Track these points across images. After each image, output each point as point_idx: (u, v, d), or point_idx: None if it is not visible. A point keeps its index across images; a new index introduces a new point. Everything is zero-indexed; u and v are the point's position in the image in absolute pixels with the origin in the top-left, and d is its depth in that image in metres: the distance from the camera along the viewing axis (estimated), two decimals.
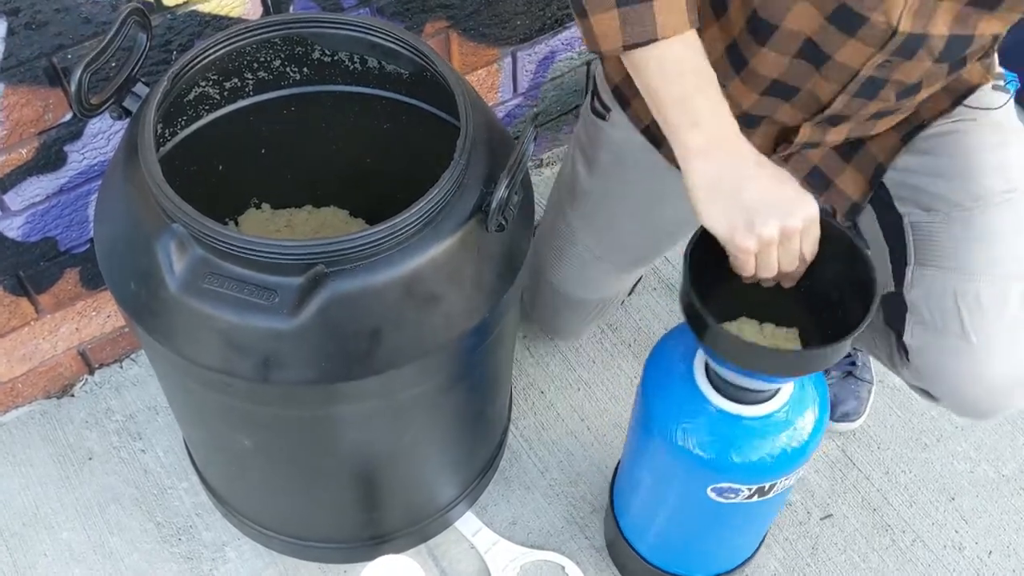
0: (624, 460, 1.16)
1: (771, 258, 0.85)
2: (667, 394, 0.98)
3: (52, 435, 1.34)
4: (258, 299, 0.80)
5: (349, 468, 1.03)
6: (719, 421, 0.94)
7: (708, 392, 0.95)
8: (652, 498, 1.09)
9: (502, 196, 0.82)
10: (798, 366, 0.86)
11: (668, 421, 0.97)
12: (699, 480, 0.98)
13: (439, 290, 0.85)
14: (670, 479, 1.02)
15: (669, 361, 0.99)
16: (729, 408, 0.94)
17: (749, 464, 0.94)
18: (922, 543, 1.33)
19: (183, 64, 0.91)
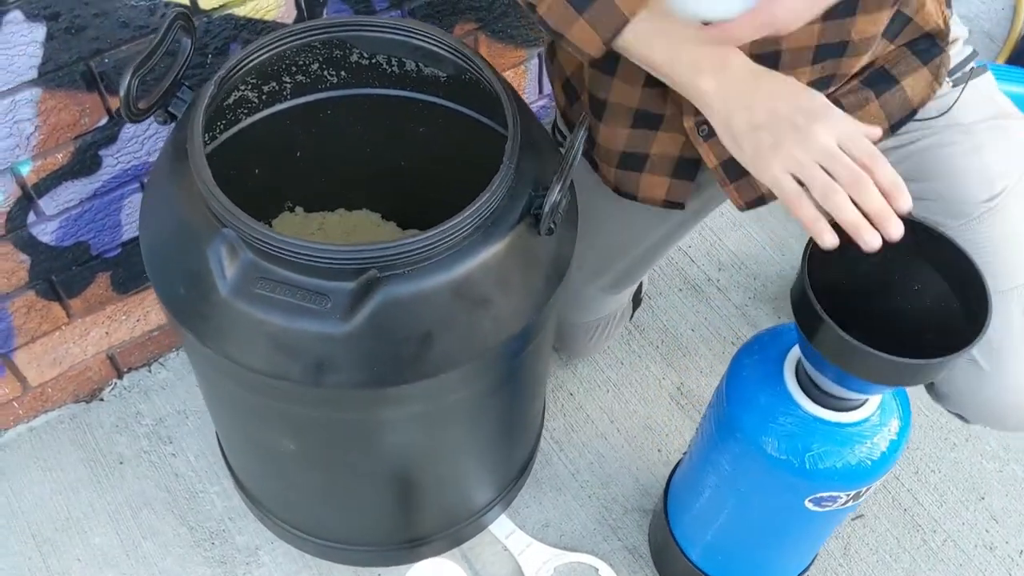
0: (691, 468, 1.14)
1: (819, 179, 0.77)
2: (759, 404, 0.96)
3: (82, 439, 1.34)
4: (310, 304, 0.80)
5: (389, 471, 1.03)
6: (820, 430, 0.93)
7: (804, 402, 0.93)
8: (729, 508, 1.08)
9: (555, 199, 0.82)
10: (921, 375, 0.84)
11: (762, 431, 0.95)
12: (798, 491, 0.96)
13: (489, 293, 0.85)
14: (760, 490, 1.00)
15: (755, 369, 0.98)
16: (829, 416, 0.92)
17: (852, 471, 0.93)
18: (953, 543, 1.33)
19: (229, 68, 0.91)
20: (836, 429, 0.94)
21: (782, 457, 0.95)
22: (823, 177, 0.77)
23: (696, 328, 1.51)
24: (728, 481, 1.05)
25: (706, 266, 1.57)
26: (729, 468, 1.03)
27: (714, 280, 1.56)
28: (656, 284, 1.55)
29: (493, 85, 0.91)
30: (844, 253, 0.89)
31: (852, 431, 0.94)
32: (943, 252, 0.88)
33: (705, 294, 1.54)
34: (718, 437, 1.03)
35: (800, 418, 0.95)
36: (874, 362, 0.83)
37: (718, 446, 1.04)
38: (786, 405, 0.95)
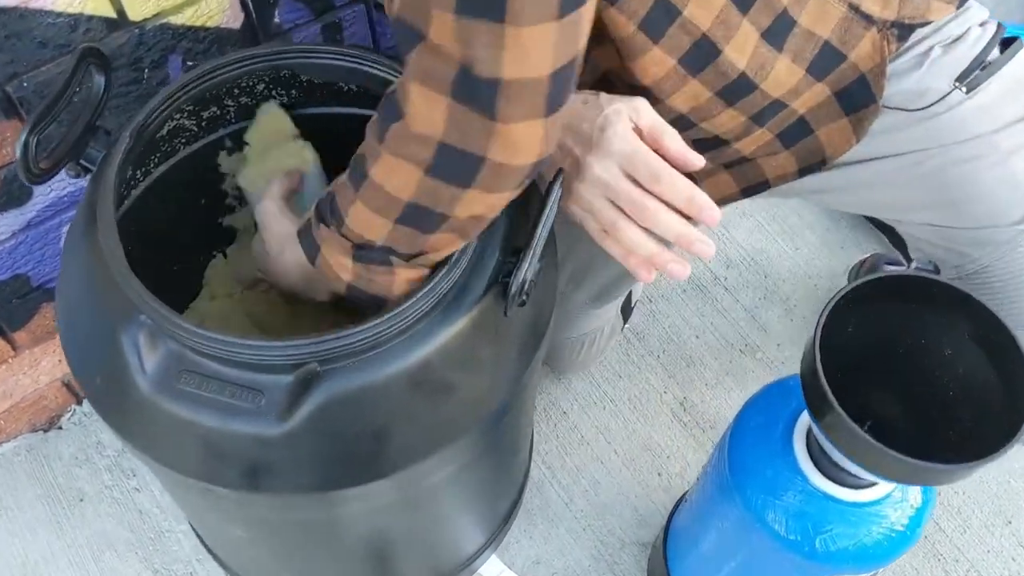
0: (692, 517, 1.04)
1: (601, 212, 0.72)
2: (764, 477, 0.85)
3: (40, 473, 1.25)
4: (242, 401, 0.69)
5: (361, 552, 0.94)
6: (833, 509, 0.83)
7: (816, 478, 0.83)
8: (732, 569, 0.98)
9: (524, 277, 0.70)
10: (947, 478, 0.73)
11: (768, 507, 0.85)
12: (808, 571, 0.87)
13: (452, 379, 0.73)
14: (766, 563, 0.90)
15: (761, 435, 0.87)
16: (843, 495, 0.82)
17: (869, 552, 0.83)
18: (977, 573, 1.24)
19: (148, 115, 0.78)
20: (851, 509, 0.83)
21: (790, 537, 0.85)
22: (607, 213, 0.71)
23: (701, 334, 1.39)
24: (731, 545, 0.95)
25: (713, 263, 1.45)
26: (732, 535, 0.93)
27: (721, 279, 1.44)
28: (658, 285, 1.43)
29: None
30: (864, 313, 0.77)
31: (870, 511, 0.83)
32: (973, 314, 0.76)
33: (711, 295, 1.43)
34: (720, 501, 0.92)
35: (811, 495, 0.84)
36: (894, 462, 0.71)
37: (720, 510, 0.93)
38: (795, 480, 0.84)
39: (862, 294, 0.76)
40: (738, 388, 1.35)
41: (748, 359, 1.37)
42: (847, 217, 1.49)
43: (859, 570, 0.86)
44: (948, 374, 0.80)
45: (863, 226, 1.48)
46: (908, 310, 0.79)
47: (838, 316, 0.75)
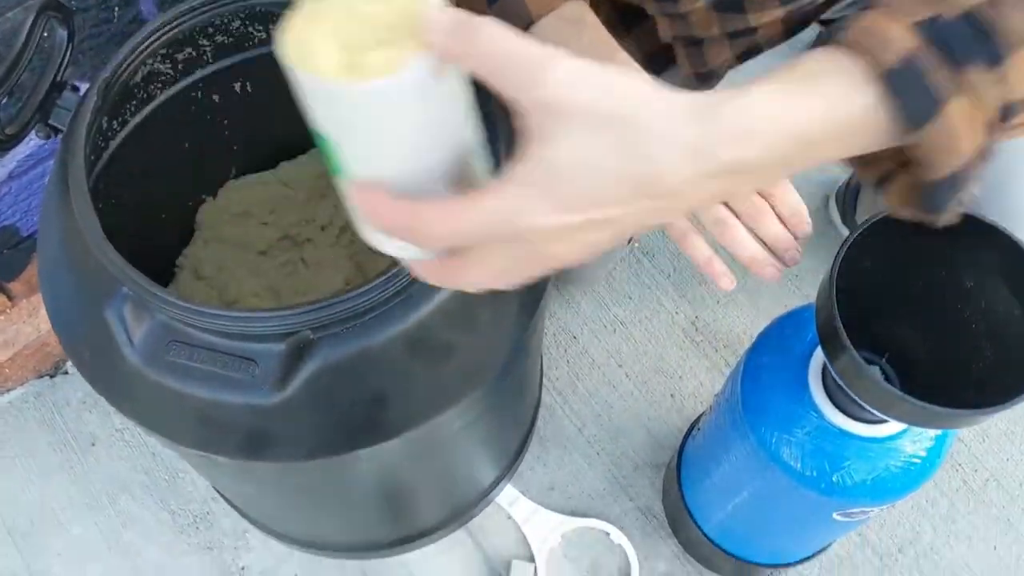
0: (704, 446, 1.02)
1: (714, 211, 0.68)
2: (779, 414, 0.83)
3: (50, 420, 1.25)
4: (234, 372, 0.67)
5: (374, 499, 0.93)
6: (851, 445, 0.80)
7: (833, 415, 0.80)
8: (745, 500, 0.96)
9: None
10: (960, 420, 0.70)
11: (783, 444, 0.82)
12: (825, 506, 0.85)
13: (451, 340, 0.70)
14: (780, 498, 0.89)
15: (775, 372, 0.84)
16: (861, 431, 0.80)
17: (887, 485, 0.81)
18: (996, 482, 1.23)
19: (115, 69, 0.73)
20: (869, 444, 0.81)
21: (807, 473, 0.83)
22: (718, 211, 0.68)
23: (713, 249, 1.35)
24: (744, 478, 0.93)
25: None
26: (746, 469, 0.91)
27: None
28: None
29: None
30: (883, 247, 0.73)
31: (888, 445, 0.81)
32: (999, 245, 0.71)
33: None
34: (734, 436, 0.90)
35: (827, 431, 0.81)
36: (909, 407, 0.69)
37: (733, 445, 0.91)
38: (810, 416, 0.82)
39: (881, 228, 0.72)
40: (751, 305, 1.32)
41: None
42: None
43: (878, 503, 0.85)
44: (971, 307, 0.76)
45: None
46: (930, 242, 0.75)
47: (856, 250, 0.71)
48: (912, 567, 1.18)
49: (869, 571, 1.18)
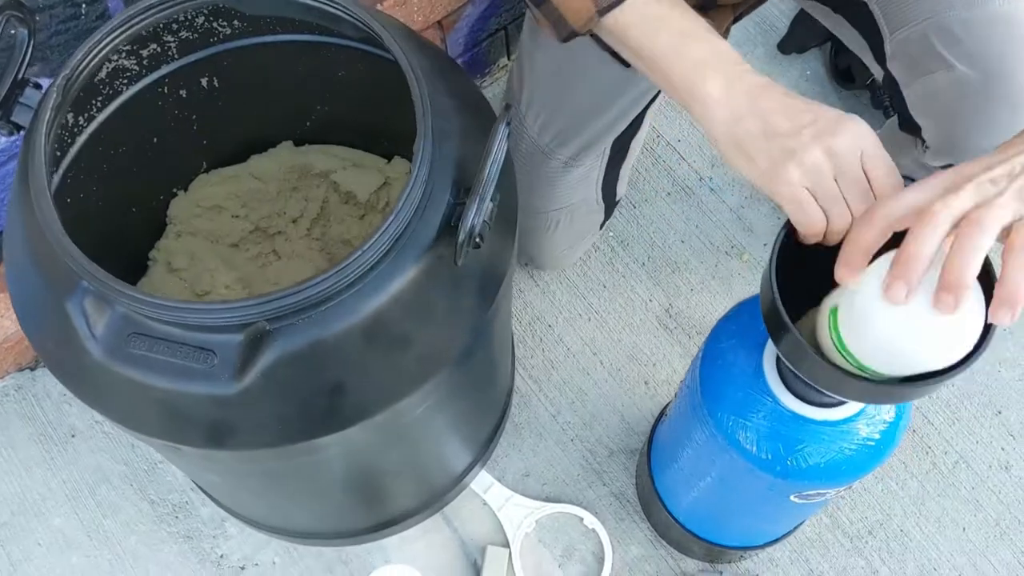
0: (670, 430, 1.04)
1: (832, 191, 0.69)
2: (735, 400, 0.84)
3: (31, 413, 1.26)
4: (194, 362, 0.68)
5: (344, 486, 0.94)
6: (806, 429, 0.82)
7: (787, 399, 0.81)
8: (708, 484, 0.98)
9: (472, 222, 0.67)
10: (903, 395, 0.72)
11: (739, 428, 0.84)
12: (782, 489, 0.87)
13: (407, 330, 0.72)
14: (740, 481, 0.90)
15: (732, 358, 0.86)
16: (815, 415, 0.81)
17: (843, 467, 0.83)
18: (965, 464, 1.24)
19: (74, 67, 0.74)
20: (824, 427, 0.82)
21: (763, 457, 0.85)
22: (834, 189, 0.68)
23: (686, 239, 1.37)
24: (705, 463, 0.95)
25: (697, 163, 1.41)
26: (706, 454, 0.93)
27: (706, 180, 1.40)
28: (641, 189, 1.39)
29: (399, 60, 0.74)
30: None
31: (843, 428, 0.83)
32: None
33: (696, 196, 1.39)
34: (693, 421, 0.92)
35: (782, 416, 0.83)
36: (857, 385, 0.70)
37: (694, 430, 0.93)
38: (765, 402, 0.83)
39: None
40: (724, 291, 1.33)
41: (735, 261, 1.35)
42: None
43: (834, 485, 0.86)
44: None
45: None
46: None
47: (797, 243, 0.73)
48: (882, 549, 1.20)
49: (839, 553, 1.20)
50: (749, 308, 0.89)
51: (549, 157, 1.12)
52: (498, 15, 1.36)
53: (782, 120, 0.69)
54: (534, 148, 1.12)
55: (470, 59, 1.41)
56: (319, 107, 1.04)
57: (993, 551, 1.20)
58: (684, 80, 0.72)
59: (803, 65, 1.47)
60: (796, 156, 0.68)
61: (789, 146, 0.68)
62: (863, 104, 1.42)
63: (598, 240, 1.34)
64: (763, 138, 0.69)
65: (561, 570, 1.19)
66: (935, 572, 1.19)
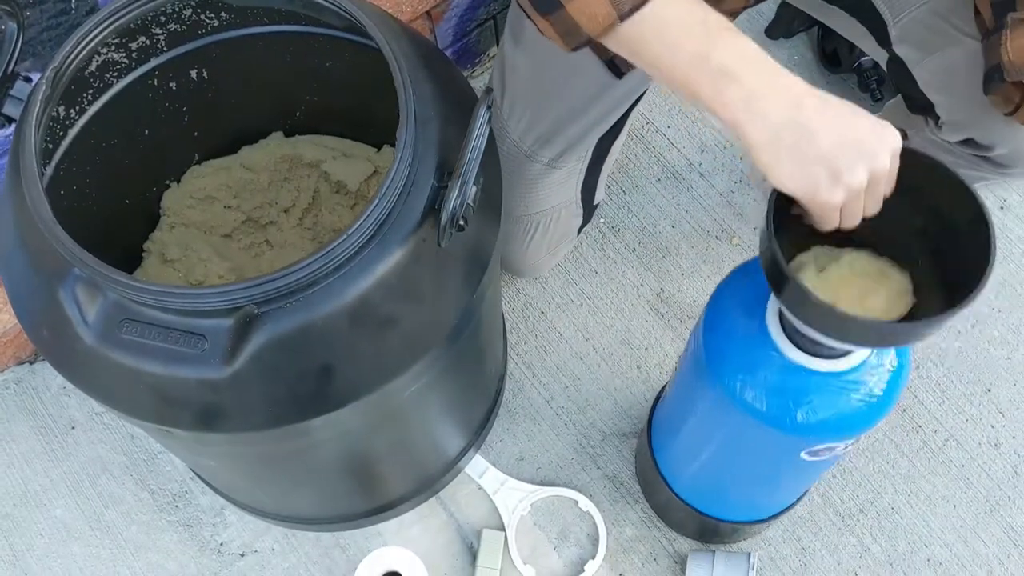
0: (672, 402, 1.05)
1: (858, 207, 0.71)
2: (740, 358, 0.85)
3: (31, 405, 1.28)
4: (185, 347, 0.70)
5: (338, 469, 0.96)
6: (812, 382, 0.82)
7: (791, 352, 0.82)
8: (713, 451, 0.99)
9: (454, 205, 0.69)
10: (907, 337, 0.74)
11: (746, 386, 0.84)
12: (791, 445, 0.87)
13: (394, 312, 0.73)
14: (748, 441, 0.91)
15: (735, 317, 0.86)
16: (820, 366, 0.81)
17: (851, 419, 0.83)
18: (955, 442, 1.26)
19: (63, 60, 0.75)
20: (829, 379, 0.82)
21: (772, 412, 0.85)
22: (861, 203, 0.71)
23: (677, 224, 1.38)
24: (711, 428, 0.96)
25: (687, 149, 1.42)
26: (712, 418, 0.93)
27: (696, 165, 1.41)
28: (631, 175, 1.41)
29: (381, 47, 0.75)
30: None
31: (847, 379, 0.82)
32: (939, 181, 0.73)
33: (687, 182, 1.40)
34: (698, 387, 0.92)
35: (787, 369, 0.83)
36: (859, 327, 0.71)
37: (699, 396, 0.93)
38: (771, 356, 0.83)
39: None
40: (715, 275, 1.34)
41: (724, 245, 1.36)
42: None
43: (841, 438, 0.87)
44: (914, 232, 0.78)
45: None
46: None
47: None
48: (873, 526, 1.21)
49: (831, 531, 1.21)
50: (747, 269, 0.90)
51: (532, 159, 1.11)
52: (487, 4, 1.38)
53: (826, 136, 0.68)
54: (516, 151, 1.12)
55: (460, 49, 1.42)
56: (308, 98, 1.05)
57: (984, 527, 1.21)
58: (711, 89, 0.68)
59: (791, 50, 1.48)
60: (843, 179, 0.68)
61: (835, 167, 0.68)
62: (850, 87, 1.43)
63: (590, 226, 1.35)
64: (805, 154, 0.68)
65: (556, 552, 1.20)
66: (926, 549, 1.20)
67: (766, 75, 0.68)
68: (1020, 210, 1.37)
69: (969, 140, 0.98)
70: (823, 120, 0.68)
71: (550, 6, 0.70)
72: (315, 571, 1.19)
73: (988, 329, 1.32)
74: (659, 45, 0.69)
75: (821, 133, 0.68)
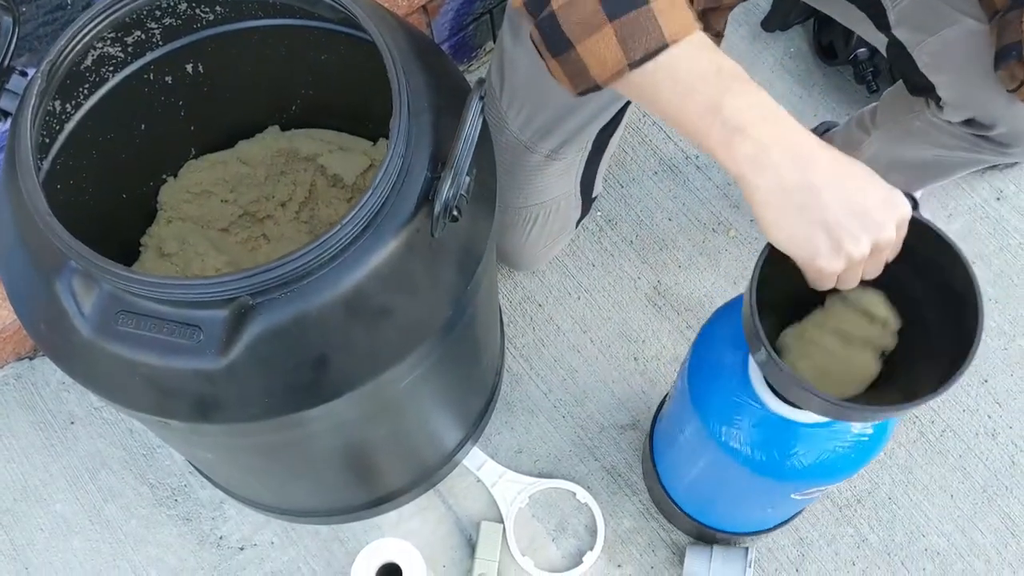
0: (668, 417, 1.04)
1: (856, 274, 0.71)
2: (724, 405, 0.85)
3: (30, 401, 1.28)
4: (181, 338, 0.70)
5: (336, 462, 0.96)
6: (796, 433, 0.83)
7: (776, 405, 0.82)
8: (707, 474, 0.99)
9: (447, 196, 0.69)
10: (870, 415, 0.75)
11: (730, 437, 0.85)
12: (782, 490, 0.88)
13: (388, 302, 0.73)
14: (744, 487, 0.92)
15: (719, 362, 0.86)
16: (804, 418, 0.82)
17: (844, 465, 0.84)
18: (952, 432, 1.26)
19: (58, 53, 0.76)
20: (816, 429, 0.82)
21: (759, 460, 0.84)
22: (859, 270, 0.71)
23: (674, 216, 1.38)
24: (708, 470, 0.95)
25: (683, 142, 1.42)
26: (705, 459, 0.93)
27: (692, 158, 1.42)
28: (628, 168, 1.41)
29: (374, 38, 0.75)
30: None
31: (835, 428, 0.82)
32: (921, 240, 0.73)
33: (683, 174, 1.41)
34: (689, 426, 0.92)
35: (773, 421, 0.83)
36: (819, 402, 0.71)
37: (688, 426, 0.93)
38: (755, 408, 0.83)
39: None
40: (711, 267, 1.35)
41: (721, 237, 1.36)
42: (816, 88, 1.45)
43: (833, 480, 0.86)
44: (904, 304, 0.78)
45: (830, 94, 1.45)
46: None
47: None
48: (871, 517, 1.22)
49: (828, 521, 1.21)
50: (732, 313, 0.89)
51: (531, 151, 1.12)
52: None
53: (833, 202, 0.66)
54: (515, 142, 1.12)
55: (456, 43, 1.42)
56: (304, 91, 1.06)
57: (981, 517, 1.21)
58: (720, 141, 0.67)
59: (786, 42, 1.48)
60: (844, 249, 0.67)
61: (838, 235, 0.67)
62: (846, 79, 1.44)
63: (587, 220, 1.35)
64: (810, 218, 0.67)
65: (555, 544, 1.21)
66: (924, 539, 1.21)
67: (778, 130, 0.66)
68: (1017, 201, 1.38)
69: (970, 120, 0.99)
70: (833, 184, 0.66)
71: (560, 47, 0.68)
72: (314, 564, 1.19)
73: (985, 319, 1.32)
74: (669, 93, 0.67)
75: (829, 198, 0.66)
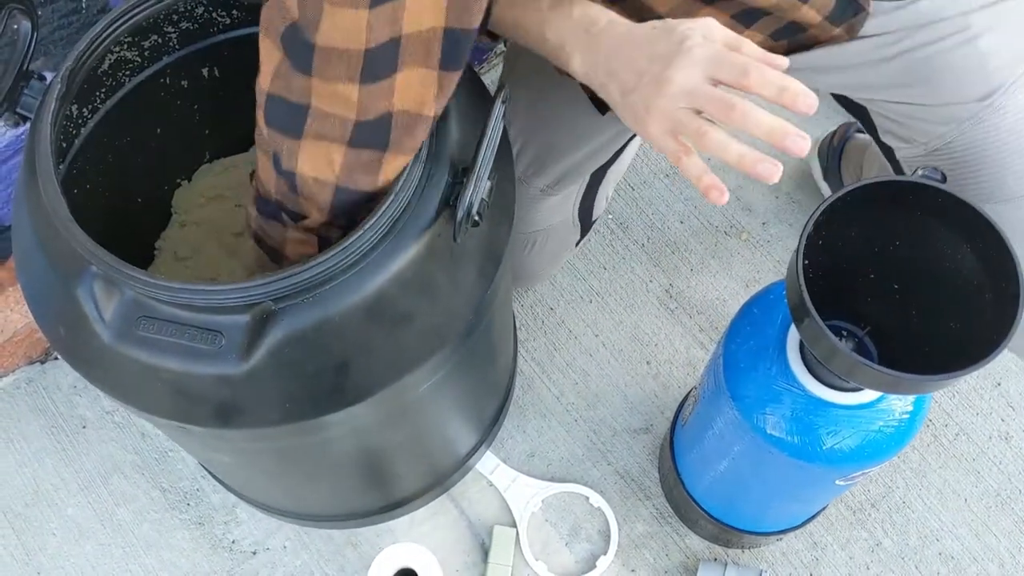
0: (695, 417, 1.03)
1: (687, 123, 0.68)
2: (761, 393, 0.84)
3: (42, 405, 1.28)
4: (202, 344, 0.70)
5: (351, 466, 0.96)
6: (837, 416, 0.82)
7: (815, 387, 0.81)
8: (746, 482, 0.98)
9: (470, 200, 0.69)
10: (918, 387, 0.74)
11: (767, 423, 0.84)
12: (828, 476, 0.87)
13: (409, 307, 0.73)
14: (786, 474, 0.90)
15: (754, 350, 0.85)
16: (843, 400, 0.81)
17: (888, 446, 0.83)
18: (966, 436, 1.26)
19: (77, 58, 0.76)
20: (857, 411, 0.81)
21: (802, 447, 0.83)
22: (692, 122, 0.68)
23: (685, 219, 1.38)
24: (745, 465, 0.94)
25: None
26: (745, 456, 0.91)
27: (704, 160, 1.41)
28: (639, 172, 1.41)
29: None
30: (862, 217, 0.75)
31: (873, 409, 0.82)
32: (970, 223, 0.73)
33: None
34: (719, 410, 0.91)
35: (809, 403, 0.82)
36: (881, 377, 0.71)
37: (720, 420, 0.92)
38: (791, 390, 0.82)
39: (858, 198, 0.74)
40: (724, 271, 1.34)
41: (733, 240, 1.36)
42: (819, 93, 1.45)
43: (875, 463, 0.85)
44: (944, 280, 0.78)
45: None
46: (907, 214, 0.76)
47: (833, 219, 0.73)
48: (885, 521, 1.21)
49: (842, 525, 1.21)
50: (764, 300, 0.88)
51: (526, 185, 1.10)
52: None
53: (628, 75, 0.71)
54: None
55: None
56: None
57: (995, 521, 1.21)
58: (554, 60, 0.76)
59: None
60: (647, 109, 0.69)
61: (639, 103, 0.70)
62: None
63: (598, 223, 1.35)
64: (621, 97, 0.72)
65: (568, 548, 1.20)
66: (937, 543, 1.20)
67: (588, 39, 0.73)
68: None
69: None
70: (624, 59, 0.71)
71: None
72: (327, 569, 1.19)
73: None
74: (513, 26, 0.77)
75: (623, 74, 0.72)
